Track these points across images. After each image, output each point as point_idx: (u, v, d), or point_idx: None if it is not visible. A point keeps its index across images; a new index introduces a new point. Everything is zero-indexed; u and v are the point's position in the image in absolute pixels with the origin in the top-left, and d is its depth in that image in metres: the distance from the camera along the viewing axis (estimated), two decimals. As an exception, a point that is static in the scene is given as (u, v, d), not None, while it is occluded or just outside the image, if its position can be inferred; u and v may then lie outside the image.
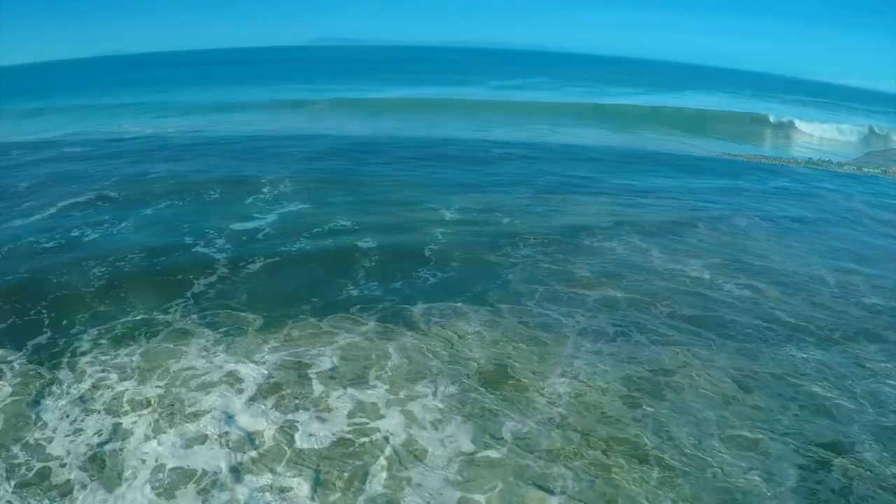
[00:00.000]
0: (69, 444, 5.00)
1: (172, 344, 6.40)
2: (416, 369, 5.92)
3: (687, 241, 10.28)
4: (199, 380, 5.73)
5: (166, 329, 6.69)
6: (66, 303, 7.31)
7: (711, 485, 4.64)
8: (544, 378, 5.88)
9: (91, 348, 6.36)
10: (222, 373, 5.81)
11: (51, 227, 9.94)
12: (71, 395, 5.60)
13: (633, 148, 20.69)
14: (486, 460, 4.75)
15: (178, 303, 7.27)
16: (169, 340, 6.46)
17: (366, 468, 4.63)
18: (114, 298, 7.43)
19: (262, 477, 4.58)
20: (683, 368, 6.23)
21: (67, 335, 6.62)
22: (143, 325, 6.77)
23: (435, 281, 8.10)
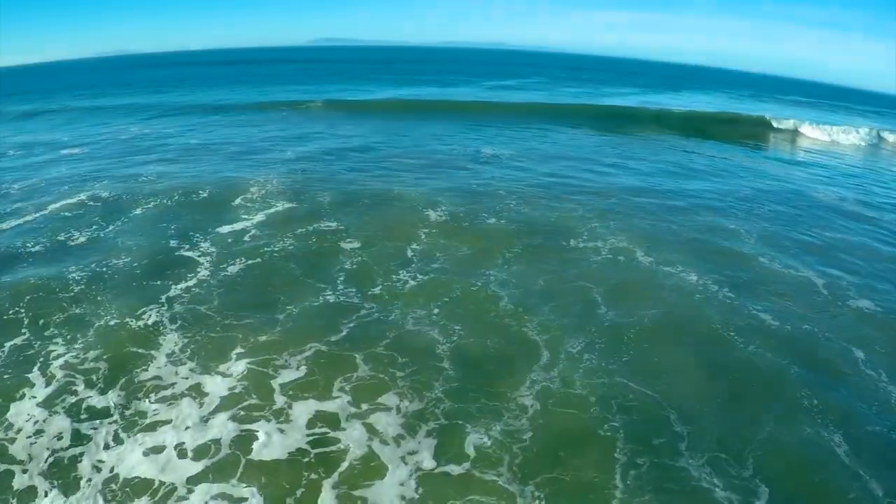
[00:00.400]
0: (31, 447, 4.95)
1: (142, 349, 6.26)
2: (383, 380, 5.74)
3: (671, 247, 10.07)
4: (161, 388, 5.61)
5: (137, 334, 6.56)
6: (45, 305, 7.23)
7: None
8: (514, 389, 5.67)
9: (64, 352, 6.27)
10: (186, 382, 5.68)
11: (38, 228, 9.88)
12: (38, 398, 5.53)
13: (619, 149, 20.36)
14: (445, 476, 4.58)
15: (153, 308, 7.13)
16: (138, 346, 6.34)
17: (320, 483, 4.47)
18: (91, 302, 7.32)
19: (215, 488, 4.45)
20: (656, 381, 6.03)
21: (43, 338, 6.56)
22: (116, 330, 6.66)
23: (414, 285, 7.90)
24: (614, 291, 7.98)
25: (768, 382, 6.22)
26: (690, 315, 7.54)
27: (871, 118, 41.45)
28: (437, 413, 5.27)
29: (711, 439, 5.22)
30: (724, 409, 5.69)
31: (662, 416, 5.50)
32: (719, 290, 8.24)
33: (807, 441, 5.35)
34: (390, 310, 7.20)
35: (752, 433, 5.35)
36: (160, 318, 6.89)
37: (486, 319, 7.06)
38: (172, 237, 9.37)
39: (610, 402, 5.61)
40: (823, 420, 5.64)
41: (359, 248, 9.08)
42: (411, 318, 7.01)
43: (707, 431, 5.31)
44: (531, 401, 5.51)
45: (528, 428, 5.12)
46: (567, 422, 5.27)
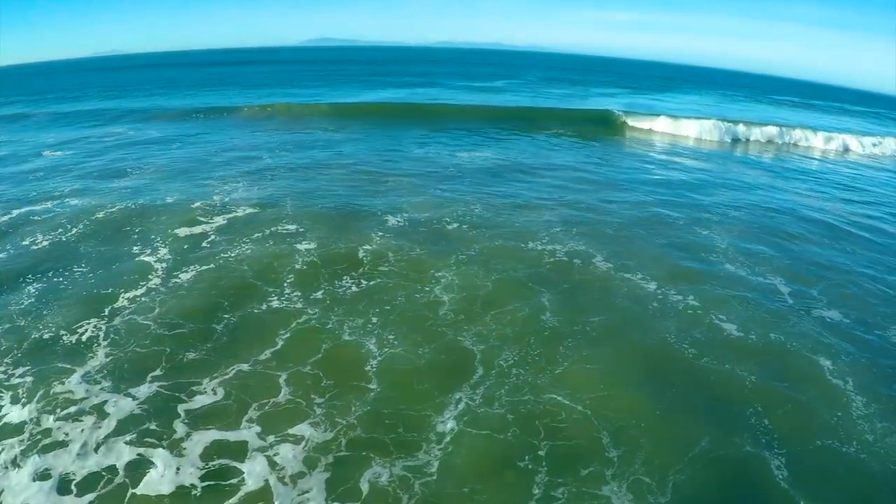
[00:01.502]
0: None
1: (69, 364, 5.77)
2: (300, 407, 5.13)
3: (635, 251, 9.43)
4: (70, 409, 5.06)
5: (68, 348, 6.03)
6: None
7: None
8: (436, 412, 5.06)
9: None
10: (94, 403, 5.13)
11: (2, 233, 9.41)
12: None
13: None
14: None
15: (92, 321, 6.59)
16: (65, 361, 5.81)
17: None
18: (36, 314, 6.81)
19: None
20: (592, 397, 5.41)
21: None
22: (49, 345, 6.13)
23: (357, 291, 7.28)
24: (563, 297, 7.32)
25: (717, 396, 5.62)
26: (642, 324, 6.87)
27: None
28: (344, 444, 4.66)
29: (639, 461, 4.63)
30: (661, 425, 5.10)
31: (592, 438, 4.89)
32: (681, 298, 7.56)
33: (742, 460, 4.76)
34: (329, 317, 6.61)
35: (683, 452, 4.77)
36: (97, 331, 6.32)
37: (424, 328, 6.43)
38: (135, 242, 8.80)
39: (536, 423, 4.98)
40: (768, 437, 5.09)
41: (314, 249, 8.48)
42: (348, 326, 6.42)
43: (638, 452, 4.73)
44: (450, 425, 4.90)
45: (438, 459, 4.51)
46: (483, 450, 4.65)
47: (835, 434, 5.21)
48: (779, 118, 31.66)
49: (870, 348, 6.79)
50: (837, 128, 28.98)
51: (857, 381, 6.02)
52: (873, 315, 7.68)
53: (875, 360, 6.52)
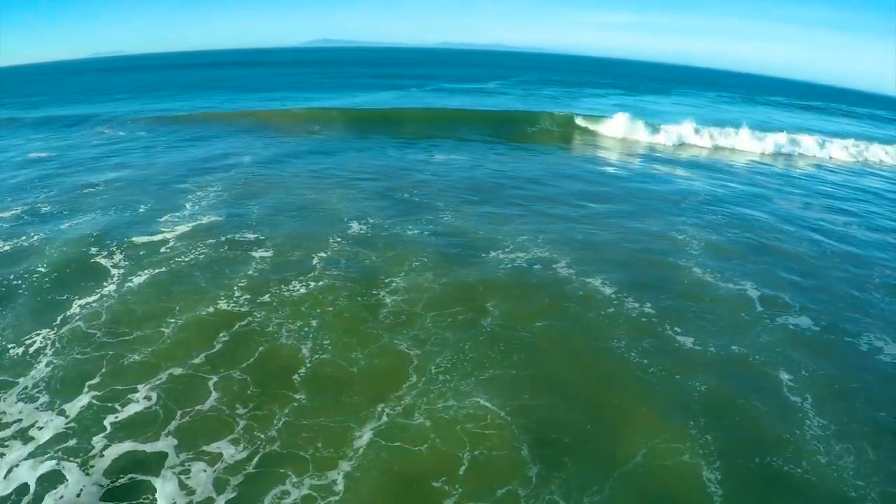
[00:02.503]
0: None
1: (10, 377, 5.75)
2: (223, 417, 5.07)
3: (600, 258, 9.41)
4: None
5: (11, 361, 5.99)
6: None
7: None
8: (359, 425, 4.99)
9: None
10: (23, 418, 5.09)
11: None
12: None
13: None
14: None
15: (42, 332, 6.51)
16: (8, 375, 5.77)
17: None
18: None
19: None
20: (520, 407, 5.40)
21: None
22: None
23: (304, 293, 7.27)
24: (512, 301, 7.28)
25: (658, 407, 5.42)
26: (589, 330, 6.76)
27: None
28: (259, 461, 4.58)
29: (560, 480, 4.47)
30: (590, 439, 4.96)
31: (514, 451, 4.75)
32: (637, 305, 7.44)
33: (674, 476, 4.60)
34: (271, 319, 6.59)
35: (609, 469, 4.63)
36: (46, 342, 6.26)
37: (361, 331, 6.39)
38: (94, 245, 8.79)
39: (457, 434, 4.87)
40: (708, 451, 4.90)
41: (269, 257, 8.45)
42: (287, 330, 6.38)
43: (559, 470, 4.57)
44: (369, 438, 4.82)
45: (348, 478, 4.40)
46: (398, 467, 4.53)
47: (783, 453, 4.97)
48: (758, 119, 31.60)
49: (836, 361, 6.55)
50: (831, 131, 28.95)
51: (817, 398, 5.79)
52: (846, 322, 7.48)
53: (839, 374, 6.30)
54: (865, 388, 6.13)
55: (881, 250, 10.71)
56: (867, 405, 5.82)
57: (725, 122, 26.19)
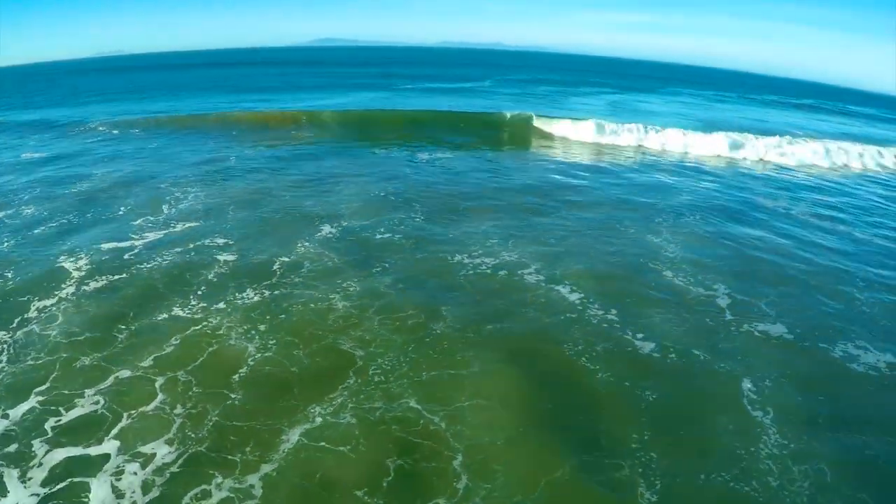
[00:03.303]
0: None
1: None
2: (164, 416, 5.25)
3: (570, 262, 9.37)
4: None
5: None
6: None
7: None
8: (289, 427, 5.12)
9: None
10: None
11: None
12: None
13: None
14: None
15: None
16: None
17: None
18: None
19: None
20: (457, 412, 5.49)
21: None
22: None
23: (257, 300, 7.43)
24: (469, 306, 7.41)
25: (603, 416, 5.37)
26: (543, 334, 6.81)
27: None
28: (183, 461, 4.74)
29: (486, 492, 4.46)
30: (525, 446, 4.94)
31: (444, 458, 4.77)
32: (601, 309, 7.45)
33: (608, 491, 4.52)
34: (222, 324, 6.77)
35: (538, 479, 4.57)
36: (1, 349, 6.45)
37: (308, 335, 6.56)
38: (64, 252, 8.95)
39: (387, 438, 4.98)
40: (649, 466, 4.76)
41: (232, 261, 8.63)
42: (235, 333, 6.57)
43: (487, 480, 4.55)
44: (296, 440, 4.96)
45: (268, 481, 4.53)
46: (321, 473, 4.61)
47: (731, 471, 4.79)
48: (750, 119, 31.49)
49: (805, 372, 6.40)
50: (824, 131, 28.81)
51: (779, 411, 5.61)
52: (823, 331, 7.39)
53: (807, 386, 6.11)
54: (833, 402, 5.94)
55: (867, 256, 10.63)
56: (832, 422, 5.60)
57: (714, 122, 26.21)
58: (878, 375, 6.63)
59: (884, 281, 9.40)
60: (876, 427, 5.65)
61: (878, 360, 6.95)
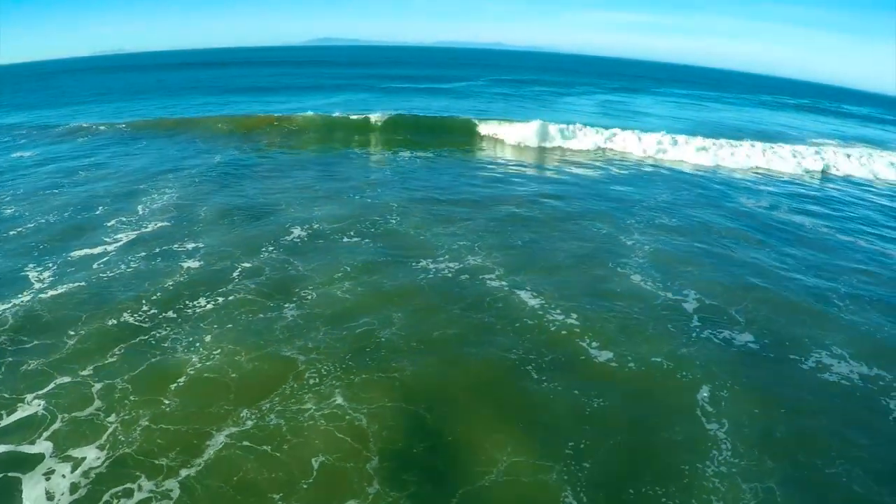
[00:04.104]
0: None
1: None
2: (95, 427, 5.24)
3: (536, 266, 9.27)
4: None
5: None
6: None
7: None
8: (213, 436, 5.07)
9: None
10: None
11: None
12: None
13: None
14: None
15: None
16: None
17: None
18: None
19: None
20: (376, 420, 5.42)
21: None
22: None
23: (209, 308, 7.42)
24: (422, 311, 7.37)
25: (537, 424, 5.29)
26: (491, 340, 6.72)
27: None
28: (109, 464, 4.77)
29: (392, 499, 4.42)
30: (444, 453, 4.89)
31: (361, 461, 4.75)
32: (561, 315, 7.35)
33: (527, 498, 4.47)
34: (170, 332, 6.76)
35: (453, 488, 4.54)
36: None
37: (252, 342, 6.53)
38: (33, 260, 8.97)
39: (312, 442, 4.99)
40: (579, 477, 4.66)
41: (195, 267, 8.64)
42: (180, 342, 6.57)
43: (400, 489, 4.50)
44: (221, 444, 4.96)
45: (187, 486, 4.53)
46: (240, 477, 4.60)
47: (668, 487, 4.64)
48: (741, 120, 31.43)
49: (770, 382, 6.26)
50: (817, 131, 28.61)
51: (735, 424, 5.46)
52: (796, 339, 7.22)
53: (769, 397, 5.97)
54: (795, 416, 5.77)
55: (849, 263, 10.37)
56: (791, 437, 5.44)
57: (705, 123, 26.12)
58: (850, 387, 6.45)
59: (866, 288, 9.19)
60: (839, 444, 5.46)
61: (851, 370, 6.77)
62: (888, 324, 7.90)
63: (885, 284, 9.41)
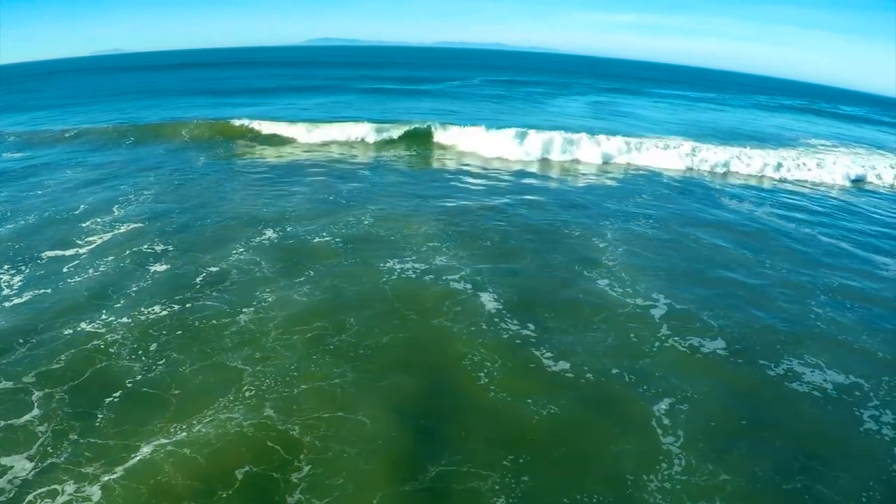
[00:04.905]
0: None
1: None
2: (28, 435, 5.14)
3: (503, 271, 9.09)
4: None
5: None
6: None
7: None
8: (141, 447, 4.98)
9: None
10: None
11: None
12: None
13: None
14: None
15: None
16: None
17: None
18: None
19: None
20: (308, 428, 5.24)
21: None
22: None
23: (166, 314, 7.28)
24: (379, 316, 7.21)
25: (482, 435, 5.14)
26: (442, 347, 6.55)
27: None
28: (35, 473, 4.71)
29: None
30: (369, 462, 4.79)
31: (288, 470, 4.67)
32: (518, 322, 7.15)
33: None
34: (118, 340, 6.66)
35: (370, 497, 4.44)
36: None
37: (198, 350, 6.42)
38: (8, 261, 8.96)
39: (239, 452, 4.84)
40: (514, 489, 4.55)
41: (161, 271, 8.56)
42: (127, 350, 6.48)
43: (321, 497, 4.44)
44: (147, 455, 4.86)
45: (106, 494, 4.48)
46: (159, 485, 4.55)
47: (606, 500, 4.53)
48: (731, 122, 30.89)
49: (735, 392, 6.03)
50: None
51: (691, 438, 5.23)
52: (768, 346, 7.00)
53: (731, 409, 5.74)
54: (759, 427, 5.56)
55: (828, 268, 10.01)
56: (750, 451, 5.24)
57: (696, 123, 25.84)
58: (822, 398, 6.21)
59: (846, 294, 8.89)
60: (802, 458, 5.25)
61: (825, 379, 6.54)
62: (867, 331, 7.65)
63: (867, 290, 9.14)
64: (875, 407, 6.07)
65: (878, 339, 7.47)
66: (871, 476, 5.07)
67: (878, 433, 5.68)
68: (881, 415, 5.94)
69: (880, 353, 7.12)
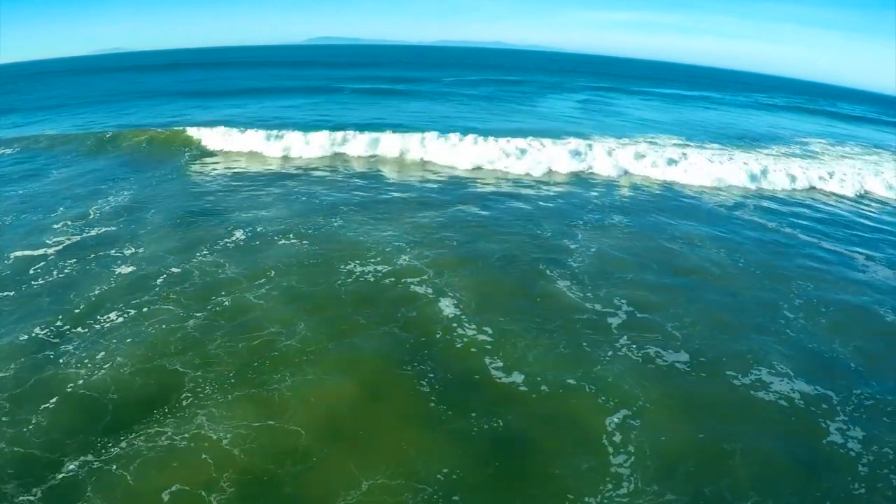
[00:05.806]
0: None
1: None
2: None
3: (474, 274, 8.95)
4: None
5: None
6: None
7: None
8: (70, 464, 4.86)
9: None
10: None
11: None
12: None
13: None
14: None
15: None
16: None
17: None
18: None
19: None
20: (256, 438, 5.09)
21: None
22: None
23: (123, 318, 7.19)
24: (335, 319, 7.04)
25: (411, 448, 5.01)
26: (396, 354, 6.38)
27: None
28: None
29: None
30: (302, 474, 4.70)
31: (216, 487, 4.54)
32: (474, 328, 6.94)
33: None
34: (68, 347, 6.56)
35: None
36: None
37: (143, 356, 6.31)
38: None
39: (168, 467, 4.72)
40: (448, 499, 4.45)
41: (126, 273, 8.45)
42: (75, 357, 6.39)
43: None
44: (70, 471, 4.74)
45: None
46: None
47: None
48: (723, 122, 30.44)
49: (693, 405, 5.78)
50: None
51: (641, 454, 5.04)
52: (735, 355, 6.76)
53: (687, 423, 5.51)
54: (716, 440, 5.36)
55: (803, 275, 9.62)
56: (703, 466, 5.01)
57: (684, 123, 25.48)
58: (788, 408, 5.97)
59: (822, 301, 8.56)
60: (759, 473, 5.03)
61: (792, 389, 6.27)
62: (838, 338, 7.35)
63: (841, 297, 8.77)
64: (842, 420, 5.82)
65: (849, 349, 7.19)
66: (831, 494, 4.85)
67: (842, 447, 5.44)
68: (848, 428, 5.70)
69: (853, 364, 6.85)
